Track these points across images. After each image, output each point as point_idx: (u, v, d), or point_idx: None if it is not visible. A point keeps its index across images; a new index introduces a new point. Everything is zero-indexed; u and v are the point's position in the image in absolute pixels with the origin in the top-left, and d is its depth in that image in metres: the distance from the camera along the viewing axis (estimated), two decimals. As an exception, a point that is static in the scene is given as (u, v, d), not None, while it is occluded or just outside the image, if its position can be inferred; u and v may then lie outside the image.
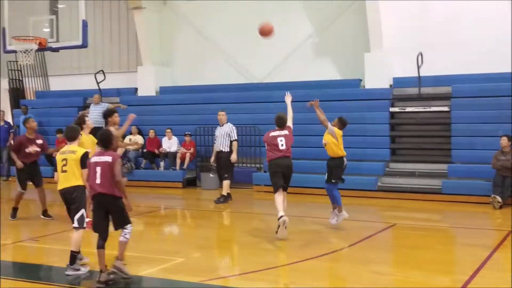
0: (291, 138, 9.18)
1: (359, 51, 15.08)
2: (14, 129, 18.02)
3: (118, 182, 6.54)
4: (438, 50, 14.18)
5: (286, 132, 9.15)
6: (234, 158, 12.58)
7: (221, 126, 12.80)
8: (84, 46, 13.65)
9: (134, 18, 17.62)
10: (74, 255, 6.93)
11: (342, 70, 15.77)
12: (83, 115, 9.96)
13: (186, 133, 15.53)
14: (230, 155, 12.53)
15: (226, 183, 12.60)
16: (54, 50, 14.60)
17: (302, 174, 12.95)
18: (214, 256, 8.44)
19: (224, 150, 12.61)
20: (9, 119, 19.03)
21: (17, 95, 19.59)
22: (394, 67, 14.71)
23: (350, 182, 12.77)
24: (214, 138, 13.10)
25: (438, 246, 8.73)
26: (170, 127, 15.81)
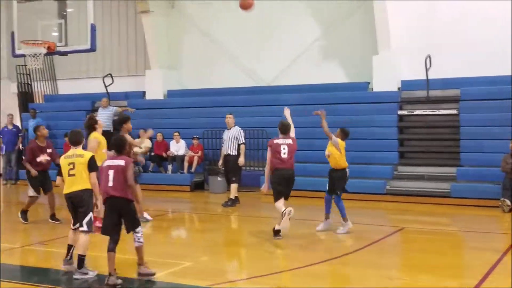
0: (295, 148, 9.21)
1: (367, 54, 15.04)
2: (22, 132, 18.11)
3: (131, 186, 6.64)
4: (446, 52, 14.11)
5: (290, 141, 9.20)
6: (241, 161, 12.56)
7: (228, 129, 12.79)
8: (92, 50, 13.67)
9: (142, 21, 17.67)
10: (81, 259, 6.93)
11: (350, 73, 15.73)
12: (93, 116, 10.04)
13: (194, 136, 15.54)
14: (238, 159, 12.52)
15: (234, 187, 12.58)
16: (63, 54, 14.63)
17: (306, 177, 12.94)
18: (222, 260, 8.41)
19: (231, 154, 12.60)
20: (17, 123, 19.14)
21: (25, 99, 19.68)
22: (402, 70, 14.66)
23: (358, 185, 12.81)
24: (222, 142, 13.10)
25: (447, 250, 8.68)
26: (178, 131, 15.83)
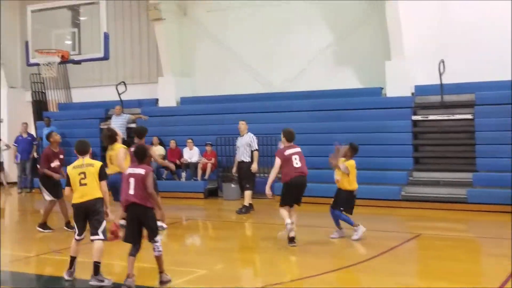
0: (302, 153, 9.25)
1: (380, 59, 14.96)
2: (37, 141, 18.22)
3: (151, 194, 6.79)
4: (460, 56, 13.98)
5: (298, 149, 9.24)
6: (254, 168, 12.53)
7: (241, 136, 12.78)
8: (105, 58, 13.76)
9: (155, 29, 17.74)
10: (97, 266, 6.99)
11: (363, 78, 15.66)
12: (112, 127, 10.21)
13: (207, 143, 15.54)
14: (251, 165, 12.49)
15: (248, 194, 12.54)
16: (76, 62, 14.73)
17: (320, 184, 12.89)
18: (237, 267, 8.39)
19: (245, 160, 12.58)
20: (32, 131, 19.26)
21: (40, 107, 19.82)
22: (416, 75, 14.57)
23: (373, 191, 12.75)
24: (235, 148, 13.08)
25: (464, 256, 8.59)
26: (191, 138, 15.83)
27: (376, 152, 13.72)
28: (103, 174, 7.22)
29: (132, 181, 6.81)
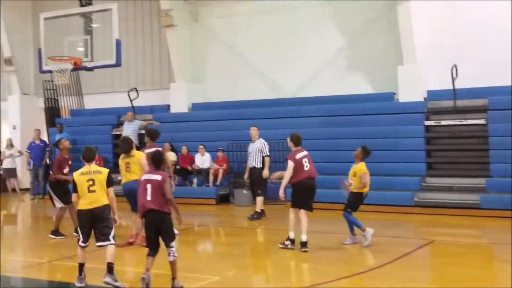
0: (311, 159, 9.39)
1: (392, 64, 14.91)
2: (50, 147, 18.31)
3: (170, 199, 6.94)
4: (473, 61, 13.88)
5: (306, 152, 9.36)
6: (266, 173, 12.50)
7: (253, 142, 12.76)
8: (117, 65, 13.80)
9: (166, 36, 17.79)
10: (111, 266, 7.05)
11: (375, 83, 15.61)
12: (128, 136, 10.44)
13: (219, 149, 15.52)
14: (263, 171, 12.46)
15: (260, 200, 12.51)
16: (89, 69, 14.80)
17: (332, 190, 12.83)
18: (249, 274, 8.35)
19: (256, 166, 12.55)
20: (45, 138, 19.38)
21: (52, 114, 19.95)
22: (428, 80, 14.49)
23: (385, 197, 12.68)
24: (247, 154, 13.06)
25: (479, 263, 8.50)
26: (202, 143, 15.84)
27: (388, 157, 13.65)
28: (111, 181, 7.31)
29: (149, 187, 6.90)
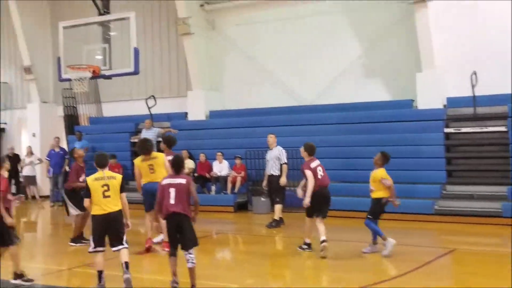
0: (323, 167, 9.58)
1: (411, 71, 14.81)
2: (69, 155, 18.43)
3: (196, 201, 7.14)
4: (493, 68, 13.75)
5: (318, 161, 9.54)
6: (283, 181, 12.45)
7: (270, 149, 12.73)
8: (136, 73, 13.85)
9: (184, 43, 17.87)
10: (128, 264, 7.17)
11: (393, 90, 15.52)
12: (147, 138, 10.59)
13: (237, 156, 15.51)
14: (280, 179, 12.41)
15: (278, 207, 12.47)
16: (107, 77, 14.88)
17: (350, 197, 12.77)
18: (268, 282, 8.30)
19: (274, 174, 12.52)
20: (64, 145, 19.52)
21: (71, 122, 20.13)
22: (448, 87, 14.36)
23: (405, 205, 12.45)
24: (265, 162, 13.03)
25: (500, 272, 8.34)
26: (220, 151, 15.83)
27: (408, 165, 13.53)
28: (124, 186, 7.46)
29: (172, 191, 7.00)
